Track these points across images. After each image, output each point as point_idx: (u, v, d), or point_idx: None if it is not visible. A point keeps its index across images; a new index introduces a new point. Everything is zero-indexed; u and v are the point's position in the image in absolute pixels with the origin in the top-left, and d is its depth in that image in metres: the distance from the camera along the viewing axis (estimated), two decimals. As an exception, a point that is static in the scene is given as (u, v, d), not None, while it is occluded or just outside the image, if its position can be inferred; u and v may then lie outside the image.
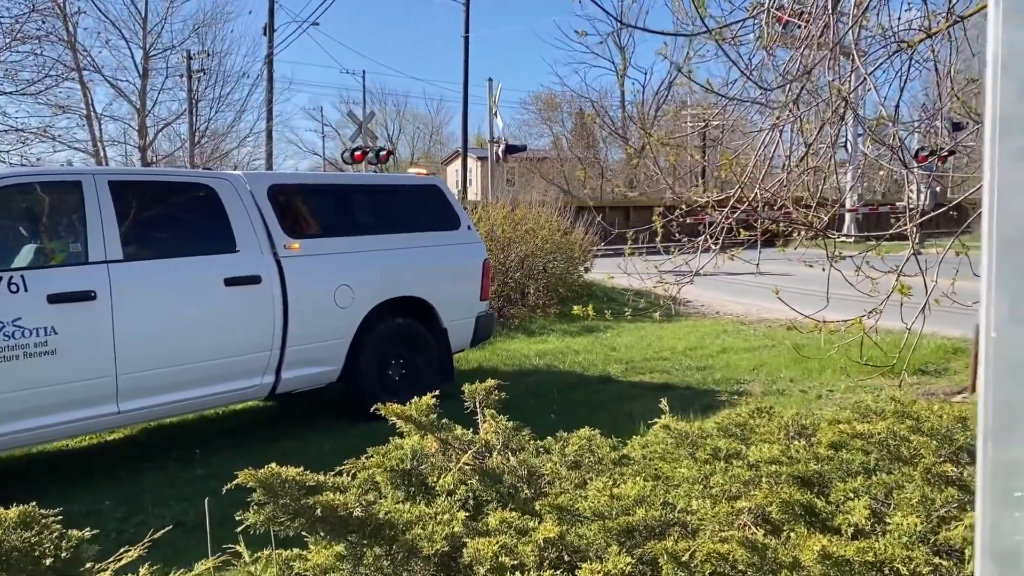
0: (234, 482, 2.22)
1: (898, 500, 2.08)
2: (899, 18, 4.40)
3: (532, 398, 7.49)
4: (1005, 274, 0.62)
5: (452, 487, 2.30)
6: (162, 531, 2.71)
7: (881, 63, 4.37)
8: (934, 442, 2.50)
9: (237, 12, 61.08)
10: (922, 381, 8.02)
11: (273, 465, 2.18)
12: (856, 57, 4.34)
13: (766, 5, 4.07)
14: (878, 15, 4.62)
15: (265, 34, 31.86)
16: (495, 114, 23.02)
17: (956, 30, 4.15)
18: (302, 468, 2.46)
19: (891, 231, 4.20)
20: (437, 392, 2.77)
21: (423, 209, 7.81)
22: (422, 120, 68.52)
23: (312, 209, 6.96)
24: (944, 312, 4.25)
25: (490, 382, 3.00)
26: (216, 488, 2.70)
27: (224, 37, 36.79)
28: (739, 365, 8.78)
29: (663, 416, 3.44)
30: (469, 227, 8.12)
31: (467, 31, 33.91)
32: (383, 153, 26.70)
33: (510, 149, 23.08)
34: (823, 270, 4.93)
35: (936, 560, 1.77)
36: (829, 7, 3.91)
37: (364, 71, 50.97)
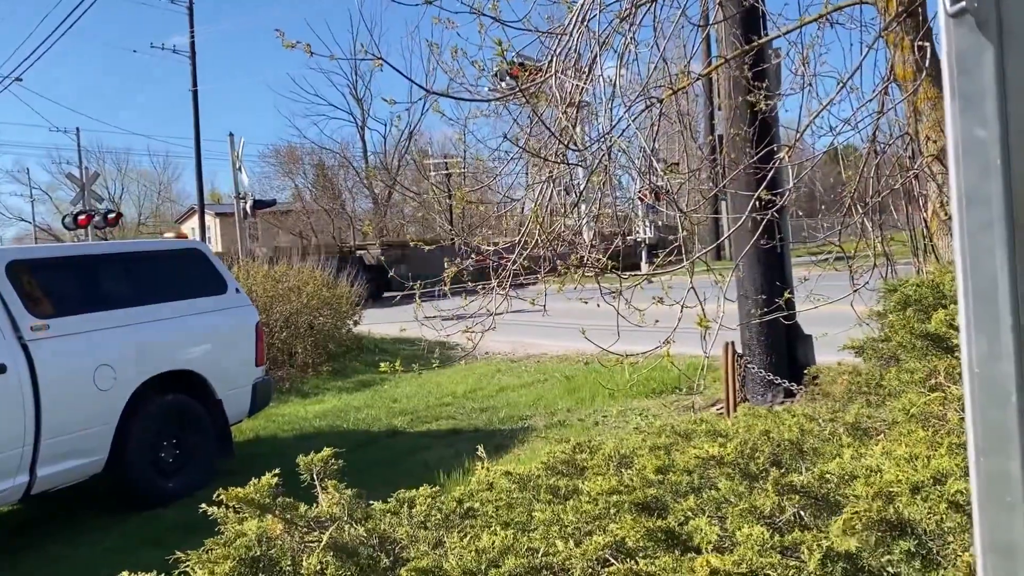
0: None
1: (735, 512, 2.30)
2: (648, 76, 4.90)
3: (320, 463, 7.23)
4: (981, 320, 0.77)
5: (320, 567, 2.20)
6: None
7: (636, 117, 4.84)
8: (752, 465, 2.79)
9: (-82, 66, 53.59)
10: (680, 398, 8.79)
11: (126, 573, 1.96)
12: (609, 113, 4.77)
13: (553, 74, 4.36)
14: (628, 70, 5.12)
15: (-44, 90, 28.43)
16: (239, 169, 22.16)
17: (696, 87, 4.73)
18: None
19: (674, 267, 4.61)
20: (278, 471, 2.62)
21: (185, 275, 7.35)
22: (148, 178, 64.09)
23: (61, 285, 6.28)
24: (690, 333, 4.71)
25: (327, 451, 2.90)
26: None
27: (-98, 94, 32.16)
28: (519, 402, 9.10)
29: (481, 463, 3.51)
30: (237, 290, 7.75)
31: (195, 85, 32.50)
32: (111, 216, 24.61)
33: (259, 204, 22.31)
34: (598, 305, 5.34)
35: (786, 561, 1.99)
36: (599, 68, 4.28)
37: (78, 128, 46.57)
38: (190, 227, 44.37)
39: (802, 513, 2.42)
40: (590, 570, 2.23)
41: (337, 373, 11.81)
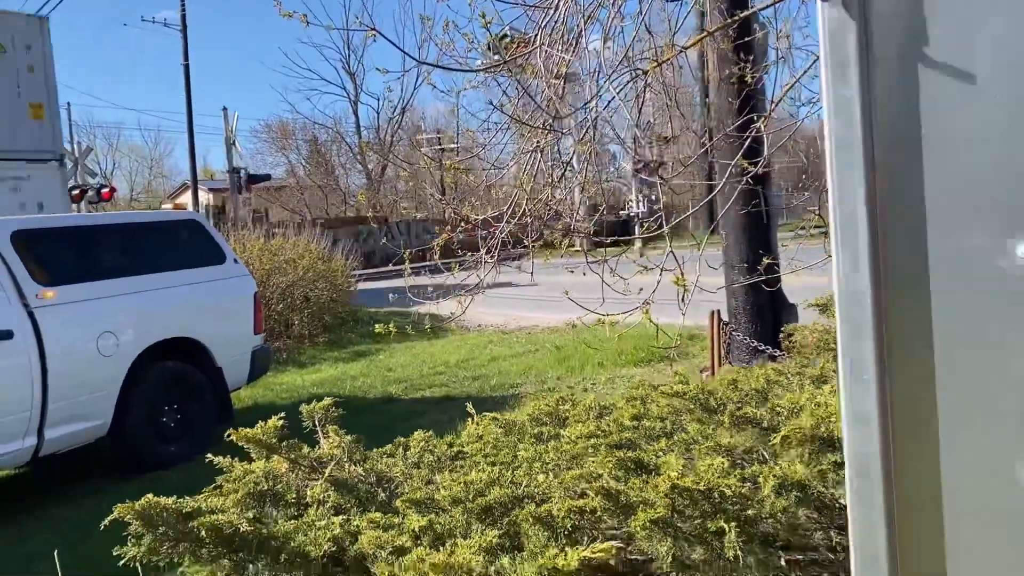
0: (110, 516, 2.23)
1: (701, 449, 2.54)
2: (632, 47, 5.08)
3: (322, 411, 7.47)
4: (845, 240, 0.99)
5: (322, 497, 2.43)
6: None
7: (622, 89, 5.02)
8: (711, 400, 3.03)
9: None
10: (668, 365, 9.04)
11: (150, 495, 2.19)
12: (594, 84, 4.96)
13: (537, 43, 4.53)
14: (614, 43, 5.29)
15: (-54, 64, 28.25)
16: (234, 143, 22.24)
17: (681, 59, 4.91)
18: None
19: (648, 233, 4.82)
20: (283, 414, 2.85)
21: (184, 245, 7.55)
22: (139, 153, 63.74)
23: (65, 253, 6.47)
24: (676, 304, 4.93)
25: (327, 400, 3.13)
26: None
27: None
28: (510, 371, 9.36)
29: (472, 420, 3.75)
30: (235, 260, 7.95)
31: (186, 59, 32.37)
32: (105, 191, 24.67)
33: (253, 178, 22.39)
34: (583, 274, 5.56)
35: (742, 485, 2.23)
36: (585, 41, 4.46)
37: (68, 103, 46.40)
38: (184, 202, 44.28)
39: (764, 451, 2.66)
40: (568, 498, 2.47)
41: (333, 344, 12.04)
